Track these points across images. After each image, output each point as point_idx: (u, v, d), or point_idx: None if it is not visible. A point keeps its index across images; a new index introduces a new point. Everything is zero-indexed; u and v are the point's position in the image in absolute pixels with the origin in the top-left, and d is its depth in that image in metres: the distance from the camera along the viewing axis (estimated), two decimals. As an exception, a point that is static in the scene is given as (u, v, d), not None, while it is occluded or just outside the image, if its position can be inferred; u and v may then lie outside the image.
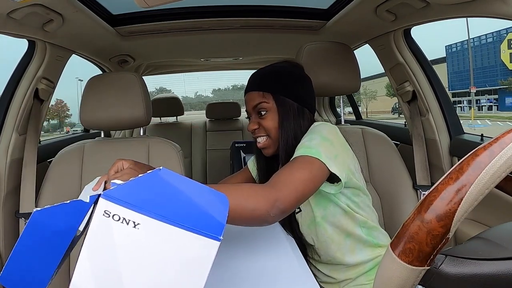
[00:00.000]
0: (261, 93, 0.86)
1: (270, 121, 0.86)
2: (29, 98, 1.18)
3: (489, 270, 0.32)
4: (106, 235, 0.47)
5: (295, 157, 0.72)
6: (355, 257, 0.88)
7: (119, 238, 0.47)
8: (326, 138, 0.76)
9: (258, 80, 0.89)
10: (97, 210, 0.47)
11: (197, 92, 12.23)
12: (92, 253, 0.48)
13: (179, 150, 1.12)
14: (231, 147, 2.16)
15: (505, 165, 0.29)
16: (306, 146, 0.73)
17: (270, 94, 0.86)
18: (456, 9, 0.96)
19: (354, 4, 1.17)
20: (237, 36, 1.66)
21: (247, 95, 0.90)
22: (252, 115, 0.90)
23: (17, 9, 0.89)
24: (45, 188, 1.08)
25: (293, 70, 0.90)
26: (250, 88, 0.89)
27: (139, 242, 0.47)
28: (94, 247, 0.48)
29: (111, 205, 0.47)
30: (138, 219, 0.47)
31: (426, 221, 0.30)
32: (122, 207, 0.47)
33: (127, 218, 0.47)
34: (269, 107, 0.86)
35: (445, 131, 1.30)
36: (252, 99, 0.88)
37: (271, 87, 0.86)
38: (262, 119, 0.87)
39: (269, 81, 0.87)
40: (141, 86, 1.10)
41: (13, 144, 1.13)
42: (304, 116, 0.86)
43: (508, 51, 25.83)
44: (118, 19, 1.37)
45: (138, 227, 0.47)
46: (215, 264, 0.51)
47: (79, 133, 2.25)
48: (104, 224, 0.47)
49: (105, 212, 0.47)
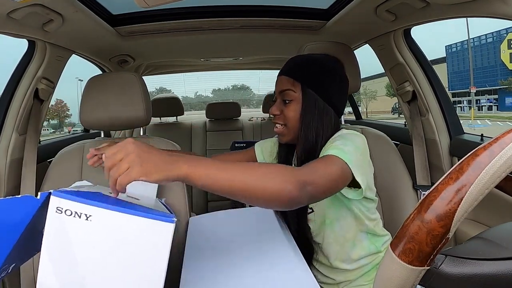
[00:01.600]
0: (291, 80, 0.84)
1: (292, 111, 0.84)
2: (29, 98, 1.18)
3: (489, 270, 0.32)
4: (61, 231, 0.48)
5: (328, 154, 0.70)
6: (357, 262, 0.88)
7: (73, 233, 0.48)
8: (359, 148, 0.75)
9: (292, 66, 0.86)
10: (50, 208, 0.48)
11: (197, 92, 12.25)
12: (51, 251, 0.48)
13: (179, 150, 1.12)
14: (231, 147, 2.16)
15: (505, 165, 0.29)
16: (340, 149, 0.71)
17: (299, 84, 0.83)
18: (456, 9, 0.96)
19: (354, 4, 1.17)
20: (237, 36, 1.66)
21: (279, 77, 0.88)
22: (278, 99, 0.88)
23: (17, 9, 0.89)
24: (45, 188, 1.08)
25: (330, 66, 0.85)
26: (283, 71, 0.87)
27: (94, 234, 0.48)
28: (52, 245, 0.48)
29: (63, 201, 0.48)
30: (89, 211, 0.48)
31: (426, 221, 0.30)
32: (73, 202, 0.48)
33: (78, 212, 0.48)
34: (295, 97, 0.84)
35: (445, 131, 1.30)
36: (281, 83, 0.86)
37: (302, 77, 0.83)
38: (285, 106, 0.86)
39: (302, 71, 0.84)
40: (141, 86, 1.10)
41: (13, 144, 1.13)
42: (327, 115, 0.83)
43: (508, 51, 25.85)
44: (118, 19, 1.37)
45: (90, 219, 0.48)
46: (214, 264, 0.51)
47: (79, 133, 2.25)
48: (57, 220, 0.48)
49: (57, 208, 0.48)
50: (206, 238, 0.82)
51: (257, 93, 9.54)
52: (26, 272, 1.05)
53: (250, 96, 11.50)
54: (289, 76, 0.84)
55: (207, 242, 0.79)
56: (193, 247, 0.77)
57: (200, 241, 0.80)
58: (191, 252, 0.75)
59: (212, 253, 0.74)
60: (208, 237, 0.82)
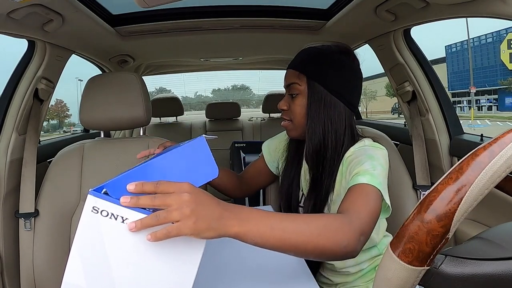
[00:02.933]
0: (296, 73, 0.82)
1: (298, 106, 0.83)
2: (29, 98, 1.18)
3: (489, 270, 0.32)
4: (95, 231, 0.48)
5: (361, 183, 0.68)
6: (359, 265, 0.88)
7: (108, 234, 0.48)
8: (385, 168, 0.74)
9: (300, 58, 0.84)
10: (86, 207, 0.48)
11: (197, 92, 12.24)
12: (82, 250, 0.48)
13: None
14: (231, 147, 2.16)
15: (505, 165, 0.29)
16: (371, 174, 0.69)
17: (304, 76, 0.81)
18: (456, 9, 0.96)
19: (354, 4, 1.17)
20: (237, 36, 1.66)
21: (287, 70, 0.86)
22: (286, 93, 0.87)
23: (17, 9, 0.89)
24: (45, 188, 1.08)
25: (336, 57, 0.81)
26: (290, 64, 0.86)
27: (128, 237, 0.48)
28: (83, 244, 0.48)
29: (100, 201, 0.48)
30: (126, 214, 0.48)
31: (426, 221, 0.30)
32: (110, 203, 0.48)
33: (115, 214, 0.48)
34: (300, 90, 0.82)
35: (445, 131, 1.30)
36: (288, 77, 0.85)
37: (306, 69, 0.81)
38: (292, 101, 0.84)
39: (307, 63, 0.82)
40: (141, 86, 1.10)
41: (13, 144, 1.13)
42: (335, 109, 0.79)
43: (507, 51, 25.86)
44: (118, 19, 1.37)
45: (126, 222, 0.48)
46: (214, 264, 0.51)
47: (79, 133, 2.25)
48: (93, 220, 0.48)
49: (94, 208, 0.47)
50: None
51: (257, 93, 9.54)
52: (26, 272, 1.05)
53: (250, 96, 11.51)
54: (294, 69, 0.83)
55: (207, 242, 0.79)
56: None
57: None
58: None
59: (212, 254, 0.74)
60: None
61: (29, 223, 1.06)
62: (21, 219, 1.07)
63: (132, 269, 0.49)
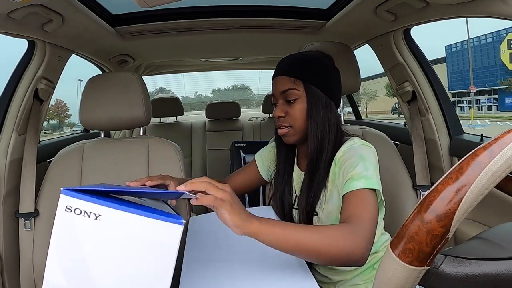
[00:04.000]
0: (291, 79, 0.83)
1: (298, 110, 0.83)
2: (29, 98, 1.18)
3: (488, 270, 0.32)
4: (70, 230, 0.48)
5: (359, 188, 0.71)
6: None
7: (82, 232, 0.48)
8: (376, 166, 0.77)
9: (289, 66, 0.85)
10: (59, 207, 0.48)
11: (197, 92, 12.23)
12: (59, 250, 0.49)
13: (179, 150, 1.12)
14: (231, 147, 2.16)
15: (505, 165, 0.29)
16: (365, 177, 0.72)
17: (301, 82, 0.82)
18: (456, 9, 0.96)
19: (354, 4, 1.17)
20: (237, 36, 1.66)
21: (276, 79, 0.86)
22: (279, 101, 0.86)
23: (17, 9, 0.89)
24: (45, 188, 1.08)
25: (325, 61, 0.86)
26: (279, 72, 0.86)
27: (103, 233, 0.48)
28: (60, 244, 0.49)
29: (72, 200, 0.48)
30: (99, 210, 0.48)
31: (426, 221, 0.30)
32: (83, 201, 0.48)
33: (88, 211, 0.48)
34: (299, 95, 0.83)
35: (445, 131, 1.30)
36: (281, 84, 0.84)
37: (302, 74, 0.83)
38: (290, 106, 0.84)
39: (301, 68, 0.84)
40: (140, 86, 1.10)
41: (13, 144, 1.13)
42: (331, 110, 0.84)
43: (507, 51, 25.85)
44: (118, 19, 1.37)
45: (100, 219, 0.48)
46: (214, 264, 0.51)
47: (79, 133, 2.25)
48: (66, 219, 0.48)
49: (67, 207, 0.48)
50: (206, 238, 0.82)
51: (257, 93, 9.53)
52: (26, 272, 1.05)
53: (250, 96, 11.50)
54: (289, 76, 0.83)
55: (207, 242, 0.79)
56: (193, 247, 0.77)
57: (200, 241, 0.80)
58: (191, 252, 0.75)
59: (212, 253, 0.74)
60: (208, 237, 0.82)
61: (29, 223, 1.06)
62: (21, 219, 1.07)
63: (109, 266, 0.49)
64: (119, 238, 0.48)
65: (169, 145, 1.12)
